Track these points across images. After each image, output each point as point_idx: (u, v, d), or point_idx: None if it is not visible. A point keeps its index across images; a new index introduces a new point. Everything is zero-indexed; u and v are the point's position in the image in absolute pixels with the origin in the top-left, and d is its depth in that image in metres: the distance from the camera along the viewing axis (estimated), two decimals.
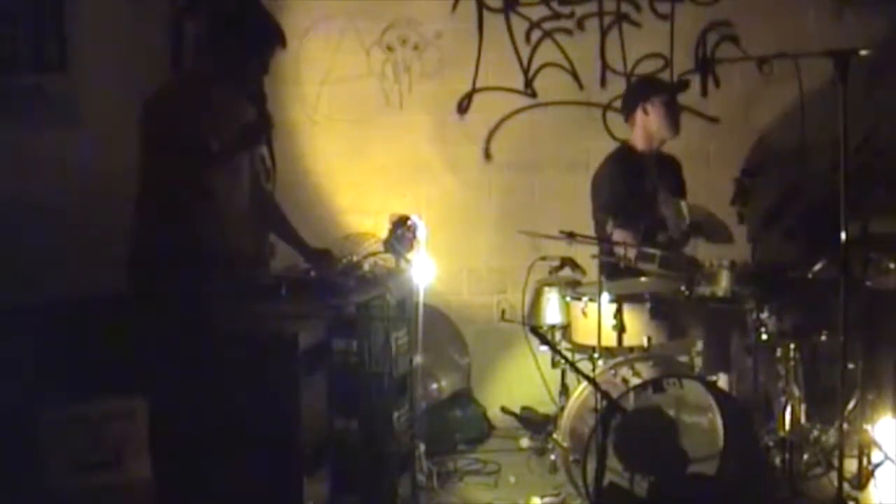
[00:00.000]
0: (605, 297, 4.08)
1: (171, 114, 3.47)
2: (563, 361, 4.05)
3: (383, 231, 4.23)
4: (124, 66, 4.13)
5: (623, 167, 4.67)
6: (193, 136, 3.40)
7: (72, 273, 3.85)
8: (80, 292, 3.67)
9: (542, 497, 4.16)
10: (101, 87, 4.07)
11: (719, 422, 4.14)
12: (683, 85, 4.85)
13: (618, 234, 4.30)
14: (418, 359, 4.26)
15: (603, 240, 4.20)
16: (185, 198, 3.44)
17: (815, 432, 4.15)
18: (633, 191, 4.58)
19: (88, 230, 3.93)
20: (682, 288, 4.13)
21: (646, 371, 3.93)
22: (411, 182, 5.25)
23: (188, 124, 3.42)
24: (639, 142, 4.73)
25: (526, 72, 5.32)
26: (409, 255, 4.17)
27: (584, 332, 4.21)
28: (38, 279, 3.76)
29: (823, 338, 4.16)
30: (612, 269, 4.26)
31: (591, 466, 3.47)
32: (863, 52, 3.57)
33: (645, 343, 4.08)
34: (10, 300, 3.55)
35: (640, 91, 4.75)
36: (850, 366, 3.93)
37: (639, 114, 4.69)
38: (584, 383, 3.89)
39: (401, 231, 4.15)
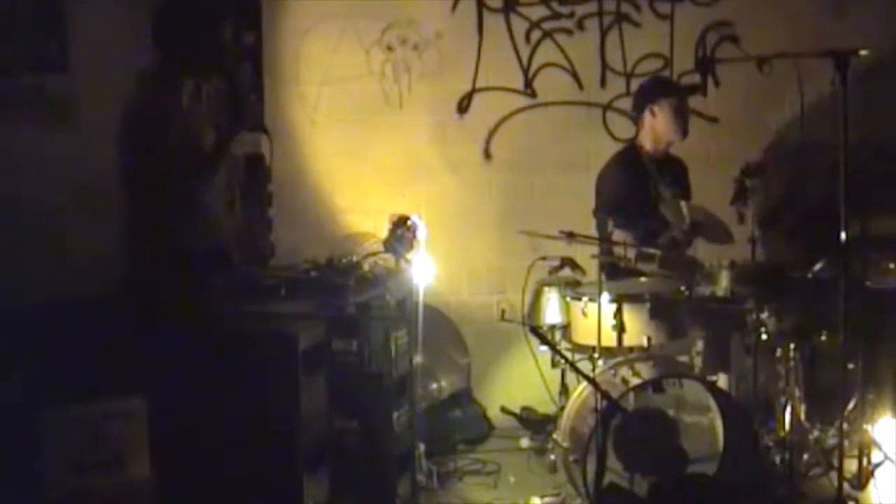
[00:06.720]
0: (605, 297, 4.07)
1: (160, 117, 3.44)
2: (563, 361, 4.05)
3: (383, 231, 4.23)
4: (124, 66, 4.12)
5: (629, 168, 4.66)
6: (184, 138, 3.39)
7: (71, 273, 3.85)
8: (79, 292, 3.67)
9: (542, 497, 4.16)
10: (101, 87, 4.06)
11: (719, 422, 4.14)
12: (694, 88, 4.83)
13: (617, 235, 4.30)
14: (418, 359, 4.26)
15: (603, 240, 4.20)
16: (175, 200, 3.43)
17: (815, 432, 4.15)
18: (637, 192, 4.58)
19: (88, 230, 3.93)
20: (682, 288, 4.14)
21: (646, 371, 3.93)
22: (411, 182, 5.24)
23: (178, 126, 3.41)
24: (646, 142, 4.72)
25: (526, 72, 5.31)
26: (409, 255, 4.18)
27: (584, 332, 4.20)
28: (38, 279, 3.76)
29: (823, 338, 4.16)
30: (612, 269, 4.26)
31: (591, 466, 3.47)
32: (863, 52, 3.57)
33: (645, 343, 4.08)
34: (10, 300, 3.55)
35: (648, 93, 4.73)
36: (850, 366, 3.93)
37: (646, 115, 4.68)
38: (584, 383, 3.89)
39: (401, 231, 4.15)
